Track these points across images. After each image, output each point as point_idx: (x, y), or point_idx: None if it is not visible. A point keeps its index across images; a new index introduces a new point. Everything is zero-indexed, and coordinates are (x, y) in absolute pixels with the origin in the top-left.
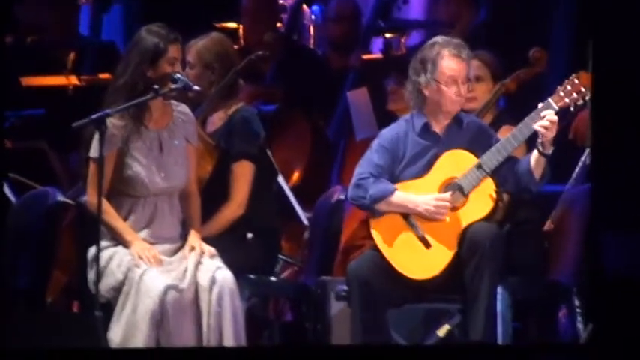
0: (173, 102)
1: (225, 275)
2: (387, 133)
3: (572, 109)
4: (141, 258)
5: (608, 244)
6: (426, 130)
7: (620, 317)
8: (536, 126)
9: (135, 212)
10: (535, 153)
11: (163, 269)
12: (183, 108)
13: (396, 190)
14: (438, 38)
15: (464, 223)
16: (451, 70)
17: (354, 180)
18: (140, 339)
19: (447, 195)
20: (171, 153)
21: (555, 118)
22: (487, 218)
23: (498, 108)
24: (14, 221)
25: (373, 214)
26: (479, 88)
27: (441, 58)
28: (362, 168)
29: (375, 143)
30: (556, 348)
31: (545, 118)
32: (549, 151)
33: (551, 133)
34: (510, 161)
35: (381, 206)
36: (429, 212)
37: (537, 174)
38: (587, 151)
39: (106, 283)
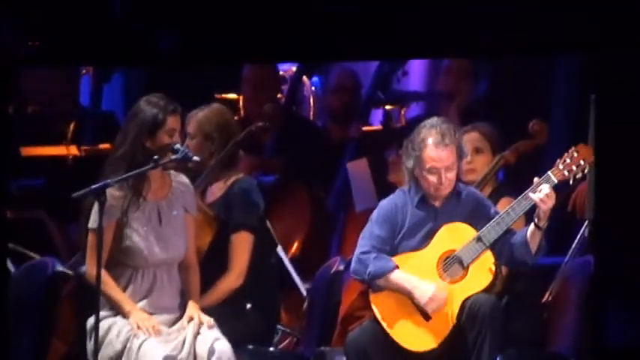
0: (172, 172)
1: (223, 346)
2: (386, 204)
3: (571, 182)
4: (139, 328)
5: (610, 317)
6: (423, 202)
7: None
8: (534, 196)
9: (134, 283)
10: (531, 226)
11: (162, 339)
12: (182, 178)
13: (396, 267)
14: (427, 122)
15: (463, 296)
16: (432, 159)
17: (356, 253)
18: None
19: (444, 293)
20: (170, 224)
21: (551, 191)
22: (486, 291)
23: (498, 180)
24: (13, 291)
25: (372, 286)
26: (478, 160)
27: (425, 146)
28: (363, 241)
29: (375, 214)
30: None
31: (542, 191)
32: (544, 223)
33: (546, 205)
34: (507, 234)
35: (380, 282)
36: (422, 302)
37: (533, 247)
38: (586, 222)
39: (105, 354)
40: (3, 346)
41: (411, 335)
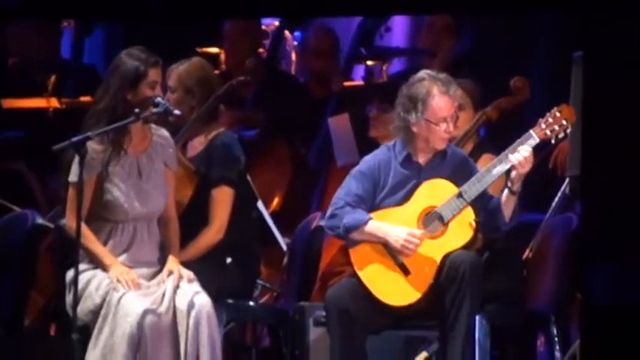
0: (152, 126)
1: (203, 300)
2: (369, 160)
3: (553, 141)
4: (119, 282)
5: (595, 274)
6: (408, 160)
7: (608, 345)
8: (512, 158)
9: (114, 237)
10: (505, 190)
11: (141, 293)
12: (163, 132)
13: (370, 219)
14: (425, 73)
15: (443, 252)
16: (441, 109)
17: (329, 209)
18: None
19: (418, 231)
20: (150, 178)
21: (530, 155)
22: (466, 247)
23: (479, 136)
24: None
25: (348, 243)
26: (460, 117)
27: (431, 97)
28: (338, 197)
29: (355, 170)
30: None
31: (520, 152)
32: (517, 187)
33: (523, 169)
34: (483, 199)
35: (354, 235)
36: (397, 244)
37: (507, 213)
38: (567, 180)
39: (84, 307)
40: None
41: (390, 290)
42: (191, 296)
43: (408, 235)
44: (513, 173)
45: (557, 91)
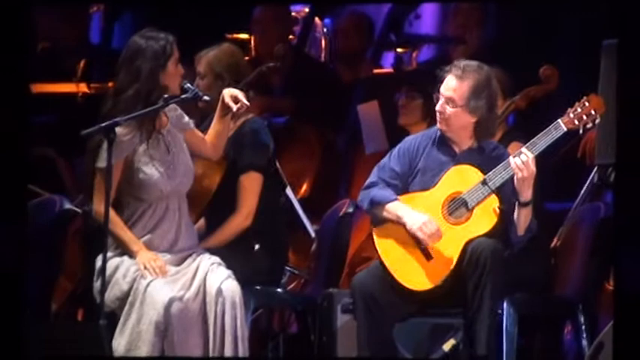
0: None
1: (231, 285)
2: (410, 139)
3: (580, 131)
4: (146, 269)
5: (627, 263)
6: (443, 144)
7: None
8: (511, 161)
9: (145, 217)
10: (516, 204)
11: (169, 280)
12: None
13: (396, 199)
14: (462, 61)
15: (466, 238)
16: (443, 87)
17: (365, 183)
18: (144, 350)
19: (434, 226)
20: (176, 152)
21: (529, 161)
22: (490, 234)
23: (508, 124)
24: None
25: (373, 220)
26: None
27: (445, 74)
28: (375, 172)
29: (396, 148)
30: None
31: (519, 157)
32: (525, 198)
33: (521, 173)
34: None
35: (378, 211)
36: (413, 229)
37: (520, 227)
38: (596, 168)
39: (112, 293)
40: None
41: (411, 273)
42: (220, 281)
43: (423, 225)
44: (516, 182)
45: (586, 79)
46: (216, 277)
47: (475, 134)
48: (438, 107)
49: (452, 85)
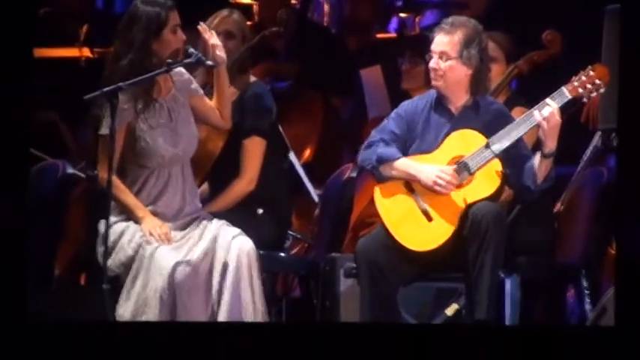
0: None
1: (245, 241)
2: (408, 103)
3: (585, 100)
4: (152, 235)
5: (630, 228)
6: (441, 106)
7: None
8: (536, 114)
9: (149, 184)
10: (538, 153)
11: (175, 246)
12: (178, 69)
13: (402, 156)
14: (448, 18)
15: (467, 201)
16: (434, 44)
17: (365, 143)
18: (150, 316)
19: (450, 169)
20: (180, 118)
21: (554, 112)
22: (492, 198)
23: (511, 89)
24: None
25: (378, 178)
26: (492, 69)
27: (435, 33)
28: (374, 133)
29: (394, 112)
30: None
31: (543, 110)
32: (549, 150)
33: (548, 124)
34: (520, 156)
35: (385, 169)
36: (429, 181)
37: (540, 175)
38: (599, 133)
39: (116, 259)
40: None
41: (412, 234)
42: (233, 236)
43: (440, 172)
44: (541, 133)
45: (589, 44)
46: (227, 234)
47: (470, 88)
48: (431, 64)
49: (443, 40)
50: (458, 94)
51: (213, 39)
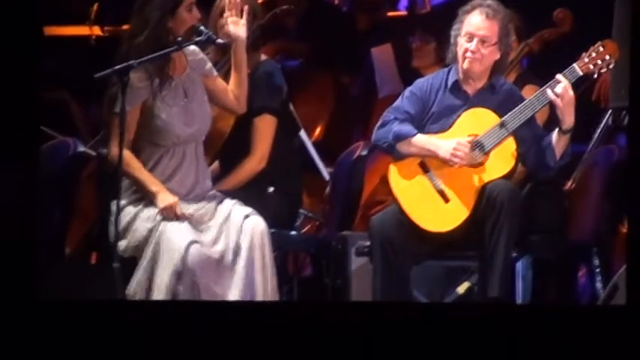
0: None
1: (258, 220)
2: (422, 82)
3: (595, 76)
4: (165, 213)
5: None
6: (456, 87)
7: None
8: (550, 94)
9: (163, 162)
10: (556, 129)
11: (188, 223)
12: (192, 48)
13: (418, 133)
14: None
15: (483, 180)
16: (471, 25)
17: (379, 122)
18: (164, 294)
19: (467, 142)
20: (195, 97)
21: (566, 88)
22: (507, 177)
23: (522, 67)
24: None
25: (394, 156)
26: None
27: (470, 13)
28: (388, 111)
29: (408, 90)
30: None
31: (556, 88)
32: (567, 126)
33: (562, 100)
34: (535, 135)
35: (402, 147)
36: (447, 154)
37: (558, 152)
38: (610, 111)
39: (132, 239)
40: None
41: (429, 215)
42: (245, 215)
43: (458, 144)
44: (557, 111)
45: (600, 22)
46: (239, 214)
47: (491, 72)
48: (472, 47)
49: (484, 24)
50: (482, 77)
51: (230, 17)
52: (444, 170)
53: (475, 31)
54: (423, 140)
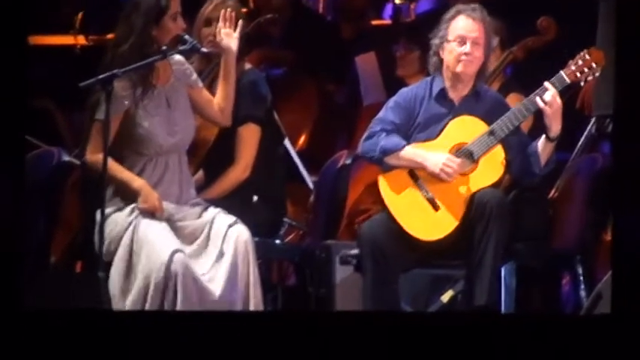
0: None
1: (242, 229)
2: (406, 92)
3: (582, 84)
4: (147, 206)
5: (626, 217)
6: (442, 95)
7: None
8: (539, 102)
9: (146, 171)
10: (543, 136)
11: (172, 232)
12: (178, 58)
13: (406, 145)
14: (460, 4)
15: (472, 189)
16: (460, 29)
17: (365, 134)
18: (147, 305)
19: (456, 162)
20: (178, 106)
21: (554, 96)
22: (496, 184)
23: (505, 76)
24: None
25: (382, 167)
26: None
27: (455, 18)
28: (374, 123)
29: (392, 100)
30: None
31: (544, 95)
32: (554, 133)
33: (550, 108)
34: (521, 143)
35: (391, 159)
36: (437, 169)
37: (543, 159)
38: (593, 120)
39: (111, 240)
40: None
41: (420, 224)
42: (228, 225)
43: (447, 160)
44: (545, 118)
45: (584, 31)
46: (223, 222)
47: (476, 77)
48: (467, 49)
49: (473, 27)
50: (468, 82)
51: (224, 29)
52: (433, 179)
53: (467, 34)
54: (410, 153)
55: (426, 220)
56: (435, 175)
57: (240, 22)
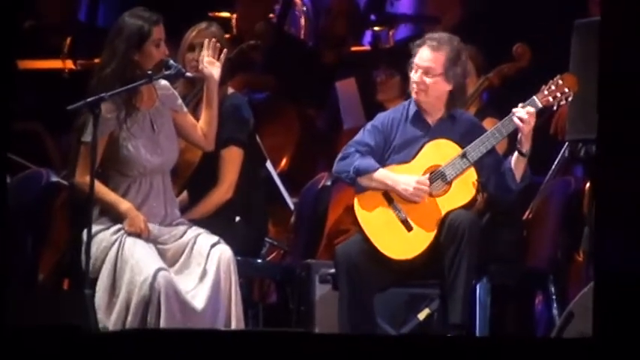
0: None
1: (224, 248)
2: (383, 116)
3: (555, 108)
4: (133, 228)
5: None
6: (417, 118)
7: (623, 312)
8: (515, 117)
9: (131, 192)
10: (515, 153)
11: (156, 252)
12: (162, 82)
13: (379, 167)
14: (428, 34)
15: (445, 209)
16: (417, 58)
17: (340, 155)
18: (131, 323)
19: (426, 179)
20: (163, 129)
21: (533, 112)
22: (468, 206)
23: (482, 101)
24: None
25: (355, 188)
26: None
27: (419, 47)
28: (349, 144)
29: (370, 124)
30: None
31: (520, 113)
32: (527, 150)
33: (527, 126)
34: (496, 162)
35: (363, 180)
36: (407, 192)
37: (518, 174)
38: (567, 144)
39: (96, 258)
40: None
41: (393, 244)
42: (211, 245)
43: (417, 183)
44: (519, 135)
45: (558, 57)
46: (206, 242)
47: (448, 103)
48: (416, 78)
49: (429, 56)
50: (437, 108)
51: (207, 57)
52: (406, 200)
53: (420, 63)
54: (382, 175)
55: (399, 240)
56: (406, 198)
57: (225, 51)
